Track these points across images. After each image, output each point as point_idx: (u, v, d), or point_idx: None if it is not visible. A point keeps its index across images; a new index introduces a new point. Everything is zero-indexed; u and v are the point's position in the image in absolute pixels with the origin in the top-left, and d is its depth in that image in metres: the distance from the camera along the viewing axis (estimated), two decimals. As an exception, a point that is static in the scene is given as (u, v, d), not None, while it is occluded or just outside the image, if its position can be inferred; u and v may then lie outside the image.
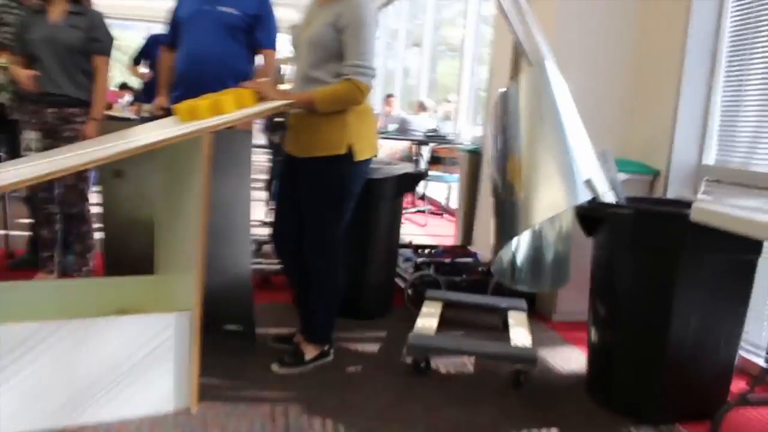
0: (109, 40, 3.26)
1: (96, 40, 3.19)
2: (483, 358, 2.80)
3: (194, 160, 2.15)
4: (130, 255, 2.88)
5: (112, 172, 2.88)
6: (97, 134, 3.05)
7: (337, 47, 2.40)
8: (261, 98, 2.37)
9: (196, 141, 2.10)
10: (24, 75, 3.14)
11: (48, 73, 3.16)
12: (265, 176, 4.85)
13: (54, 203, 3.33)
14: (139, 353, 2.16)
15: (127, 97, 8.93)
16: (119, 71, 8.13)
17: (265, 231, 4.03)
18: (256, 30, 3.22)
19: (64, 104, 3.18)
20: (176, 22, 3.28)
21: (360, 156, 2.48)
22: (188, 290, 2.22)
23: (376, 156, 2.60)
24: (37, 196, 3.31)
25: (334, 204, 2.52)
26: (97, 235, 3.35)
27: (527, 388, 2.60)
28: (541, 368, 2.80)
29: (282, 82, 3.42)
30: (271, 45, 3.29)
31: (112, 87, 9.69)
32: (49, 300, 2.54)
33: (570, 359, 2.96)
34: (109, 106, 8.58)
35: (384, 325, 3.26)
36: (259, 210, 3.31)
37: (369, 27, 2.39)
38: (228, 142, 2.54)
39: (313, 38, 2.43)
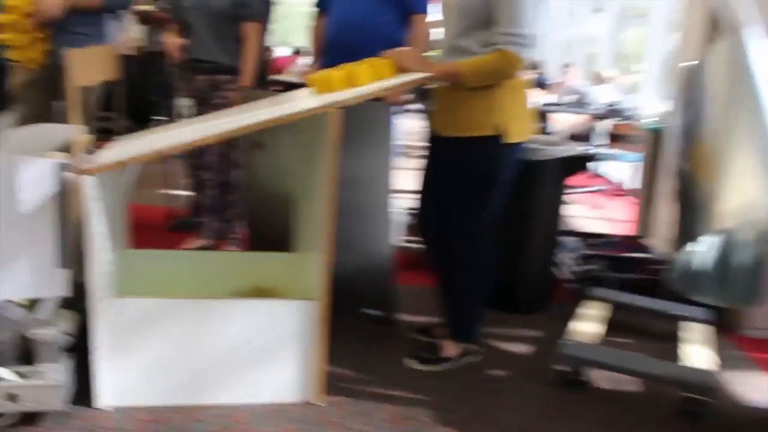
0: (260, 5, 3.14)
1: (245, 6, 3.08)
2: (650, 380, 2.40)
3: (325, 136, 1.97)
4: (271, 228, 2.80)
5: (252, 143, 2.78)
6: (241, 102, 2.97)
7: (487, 13, 2.08)
8: (401, 69, 2.12)
9: (325, 116, 1.91)
10: (172, 44, 3.14)
11: (199, 39, 3.11)
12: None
13: (207, 169, 3.32)
14: (262, 339, 2.05)
15: (302, 60, 9.13)
16: (301, 34, 8.26)
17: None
18: None
19: (213, 71, 3.12)
20: None
21: (510, 138, 2.16)
22: (318, 274, 2.07)
23: (529, 138, 2.27)
24: (189, 162, 3.33)
25: (478, 191, 2.23)
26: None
27: (703, 421, 2.17)
28: (723, 396, 2.34)
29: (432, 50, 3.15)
30: (422, 9, 3.01)
31: (287, 51, 9.97)
32: (186, 271, 2.51)
33: (760, 388, 2.47)
34: (278, 71, 8.86)
35: (538, 322, 2.91)
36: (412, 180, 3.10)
37: None
38: (365, 115, 2.33)
39: (462, 2, 2.13)
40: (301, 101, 2.11)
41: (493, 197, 2.24)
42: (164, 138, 2.16)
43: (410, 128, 4.29)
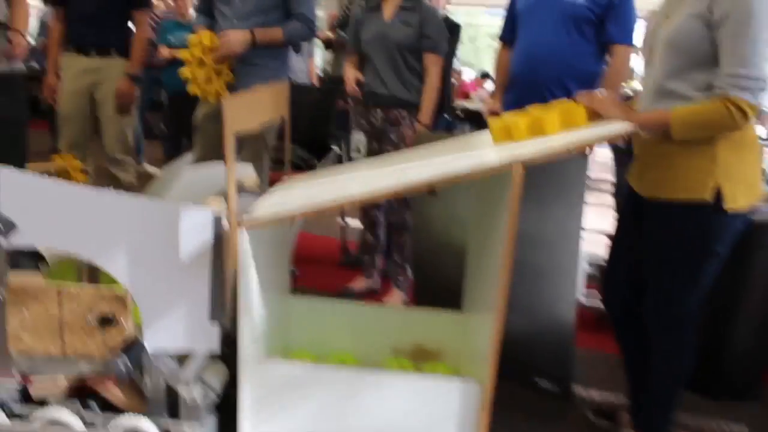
0: (441, 37, 2.96)
1: (427, 37, 2.92)
2: None
3: (505, 191, 1.72)
4: (439, 280, 2.57)
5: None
6: (417, 142, 2.79)
7: (708, 49, 1.71)
8: (597, 115, 1.80)
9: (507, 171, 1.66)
10: (349, 78, 3.05)
11: (377, 72, 3.00)
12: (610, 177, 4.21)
13: (378, 208, 3.20)
14: (415, 417, 1.82)
15: (489, 85, 8.89)
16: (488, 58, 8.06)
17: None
18: (608, 21, 2.61)
19: (391, 105, 3.00)
20: (513, 15, 2.84)
21: (733, 203, 1.76)
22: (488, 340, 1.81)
23: (757, 204, 1.84)
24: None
25: (687, 269, 1.84)
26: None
27: None
28: None
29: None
30: (625, 39, 2.64)
31: (474, 74, 9.84)
32: (347, 322, 2.36)
33: None
34: (464, 95, 8.70)
35: (747, 411, 2.43)
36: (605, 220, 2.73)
37: (759, 19, 1.65)
38: (556, 169, 2.04)
39: (673, 36, 1.76)
40: (482, 151, 1.87)
41: (705, 276, 1.84)
42: (334, 185, 2.02)
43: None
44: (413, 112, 2.99)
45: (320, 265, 3.76)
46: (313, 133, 3.87)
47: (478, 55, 13.35)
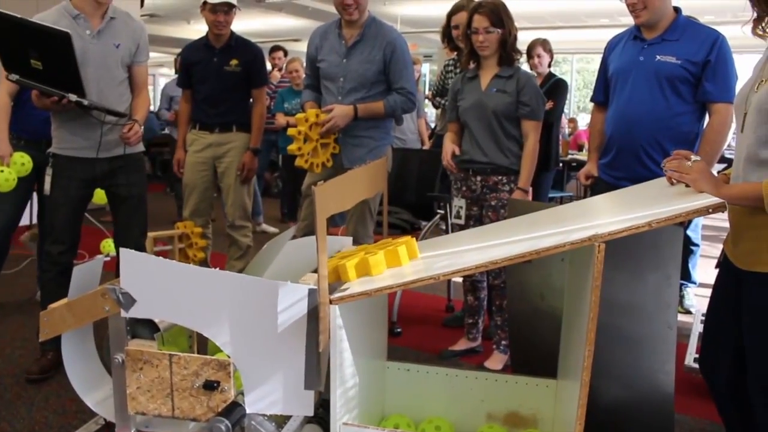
0: (538, 103, 2.98)
1: (524, 105, 2.95)
2: None
3: (589, 263, 1.73)
4: (536, 347, 2.57)
5: (519, 253, 2.60)
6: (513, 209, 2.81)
7: None
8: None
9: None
10: (446, 152, 3.12)
11: (476, 140, 3.05)
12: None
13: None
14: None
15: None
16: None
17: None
18: (705, 80, 2.57)
19: (490, 172, 3.04)
20: (606, 77, 2.84)
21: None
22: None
23: None
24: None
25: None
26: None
27: None
28: None
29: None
30: (724, 98, 2.57)
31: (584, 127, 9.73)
32: (443, 388, 2.40)
33: None
34: (580, 147, 8.57)
35: None
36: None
37: None
38: (651, 239, 2.03)
39: (766, 101, 1.68)
40: (572, 223, 1.89)
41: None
42: (432, 257, 2.09)
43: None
44: (512, 178, 3.02)
45: (424, 324, 3.82)
46: (418, 195, 3.98)
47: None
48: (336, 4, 3.05)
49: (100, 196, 3.18)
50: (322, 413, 1.99)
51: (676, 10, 2.68)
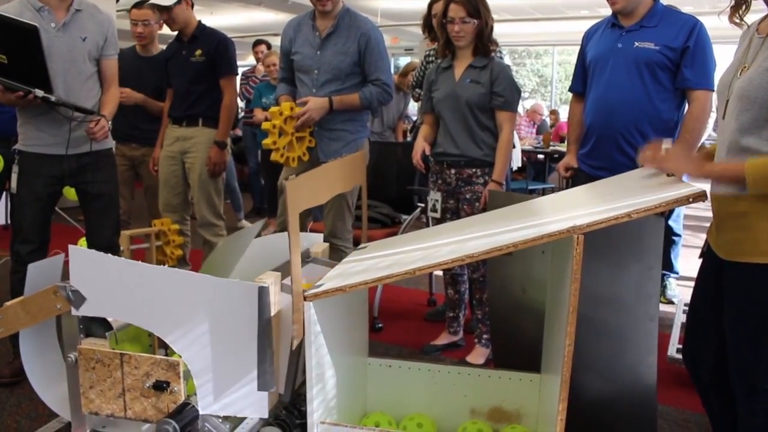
0: (513, 94, 2.93)
1: (498, 95, 2.91)
2: None
3: (569, 255, 1.69)
4: (518, 341, 2.54)
5: (499, 247, 2.57)
6: (491, 201, 2.77)
7: None
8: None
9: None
10: (417, 149, 3.09)
11: (449, 132, 3.01)
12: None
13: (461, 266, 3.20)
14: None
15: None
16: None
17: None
18: (684, 66, 2.55)
19: (464, 165, 2.99)
20: (584, 66, 2.81)
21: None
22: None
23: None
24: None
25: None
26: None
27: None
28: None
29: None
30: (703, 84, 2.56)
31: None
32: (425, 384, 2.37)
33: None
34: (561, 138, 8.57)
35: None
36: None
37: None
38: (633, 230, 2.00)
39: (747, 88, 1.66)
40: (550, 215, 1.86)
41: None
42: (409, 252, 2.05)
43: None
44: (486, 170, 2.97)
45: (406, 318, 3.78)
46: (398, 189, 3.94)
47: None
48: None
49: (72, 193, 3.11)
50: (285, 415, 1.94)
51: None
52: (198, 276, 1.75)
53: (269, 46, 6.81)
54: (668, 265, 4.11)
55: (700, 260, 1.99)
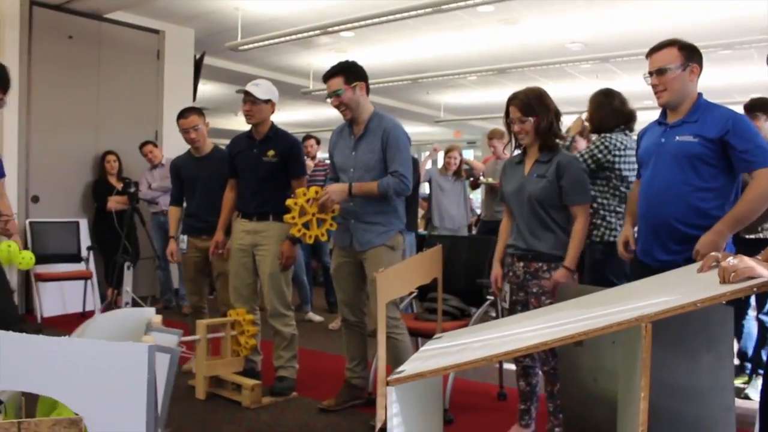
0: (579, 186, 3.04)
1: (565, 193, 3.02)
2: None
3: (638, 344, 1.75)
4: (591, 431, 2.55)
5: (569, 338, 2.62)
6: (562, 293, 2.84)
7: None
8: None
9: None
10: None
11: (517, 225, 3.14)
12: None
13: (532, 358, 3.22)
14: None
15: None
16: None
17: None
18: (735, 151, 2.64)
19: (531, 259, 3.09)
20: (639, 161, 3.01)
21: None
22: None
23: None
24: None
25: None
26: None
27: None
28: None
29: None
30: (766, 163, 2.60)
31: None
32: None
33: None
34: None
35: None
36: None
37: None
38: (702, 320, 2.05)
39: None
40: (619, 304, 1.94)
41: None
42: (483, 341, 2.13)
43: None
44: (553, 265, 3.04)
45: (476, 411, 3.78)
46: (468, 281, 4.01)
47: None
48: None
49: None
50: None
51: (700, 94, 2.80)
52: (84, 341, 1.86)
53: (318, 142, 7.09)
54: (761, 362, 3.96)
55: None
